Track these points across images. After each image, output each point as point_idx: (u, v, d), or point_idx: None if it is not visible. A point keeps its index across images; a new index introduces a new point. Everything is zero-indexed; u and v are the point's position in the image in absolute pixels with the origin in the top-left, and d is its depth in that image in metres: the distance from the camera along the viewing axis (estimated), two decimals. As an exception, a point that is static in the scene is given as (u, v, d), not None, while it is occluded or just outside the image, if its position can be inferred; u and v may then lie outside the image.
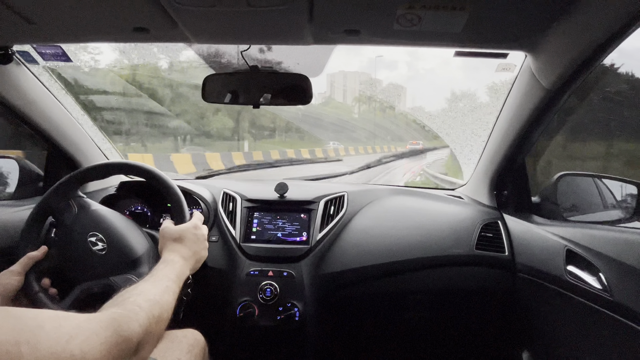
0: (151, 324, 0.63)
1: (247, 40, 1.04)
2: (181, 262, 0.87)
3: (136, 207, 1.44)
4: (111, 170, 1.15)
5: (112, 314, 0.58)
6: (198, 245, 0.95)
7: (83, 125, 1.49)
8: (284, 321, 1.21)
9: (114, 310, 0.60)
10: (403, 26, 0.88)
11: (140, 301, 0.65)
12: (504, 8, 0.82)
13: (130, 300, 0.64)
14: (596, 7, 0.78)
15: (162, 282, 0.75)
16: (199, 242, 0.95)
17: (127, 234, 1.05)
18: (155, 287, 0.72)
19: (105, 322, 0.55)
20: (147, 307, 0.65)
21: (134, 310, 0.62)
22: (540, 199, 1.37)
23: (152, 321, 0.64)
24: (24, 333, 0.44)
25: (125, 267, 0.99)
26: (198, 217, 1.02)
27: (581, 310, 0.96)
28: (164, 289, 0.74)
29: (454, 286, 1.30)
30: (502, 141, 1.30)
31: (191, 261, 0.90)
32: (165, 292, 0.73)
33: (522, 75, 1.12)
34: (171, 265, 0.83)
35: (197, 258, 0.93)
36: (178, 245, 0.90)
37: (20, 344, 0.42)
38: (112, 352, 0.53)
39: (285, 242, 1.34)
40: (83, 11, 0.89)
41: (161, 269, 0.81)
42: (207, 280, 1.26)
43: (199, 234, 0.97)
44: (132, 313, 0.61)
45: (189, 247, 0.92)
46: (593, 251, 0.94)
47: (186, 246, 0.91)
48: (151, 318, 0.63)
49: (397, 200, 1.52)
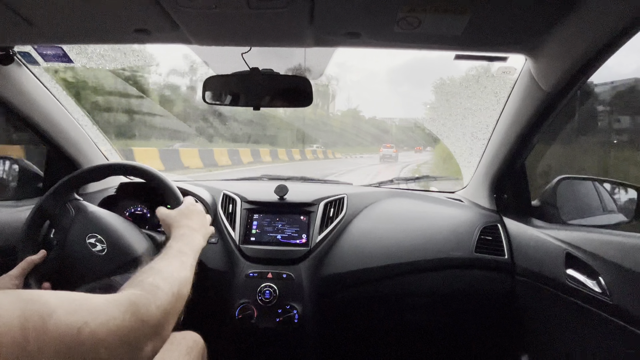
0: (170, 303, 0.61)
1: (247, 42, 1.05)
2: (192, 234, 0.85)
3: (136, 208, 1.44)
4: (106, 172, 1.14)
5: (130, 296, 0.56)
6: (201, 219, 0.94)
7: (83, 126, 1.49)
8: (283, 323, 1.21)
9: (132, 292, 0.58)
10: (403, 29, 0.88)
11: (158, 280, 0.63)
12: (504, 11, 0.82)
13: (148, 281, 0.62)
14: (596, 11, 0.78)
15: (177, 258, 0.74)
16: (201, 215, 0.95)
17: (126, 234, 1.05)
18: (171, 264, 0.71)
19: (124, 305, 0.53)
20: (166, 285, 0.63)
21: (152, 290, 0.60)
22: (540, 202, 1.37)
23: (172, 299, 0.62)
24: (32, 318, 0.42)
25: (127, 266, 0.99)
26: (190, 199, 1.01)
27: (581, 313, 0.96)
28: (180, 265, 0.72)
29: (454, 289, 1.30)
30: (502, 144, 1.30)
31: (202, 231, 0.89)
32: (181, 267, 0.72)
33: (522, 79, 1.13)
34: (183, 239, 0.81)
35: (205, 231, 0.92)
36: (184, 219, 0.89)
37: (27, 329, 0.41)
38: (130, 337, 0.51)
39: (285, 244, 1.34)
40: (84, 12, 0.89)
41: (173, 245, 0.78)
42: (206, 281, 1.26)
43: (199, 208, 0.97)
44: (150, 294, 0.59)
45: (195, 219, 0.91)
46: (593, 255, 0.94)
47: (192, 219, 0.90)
48: (170, 297, 0.62)
49: (397, 202, 1.52)
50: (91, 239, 1.00)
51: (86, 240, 1.00)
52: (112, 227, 1.04)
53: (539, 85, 1.05)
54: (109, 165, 1.16)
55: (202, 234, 0.89)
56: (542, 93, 1.05)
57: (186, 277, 0.71)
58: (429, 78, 22.68)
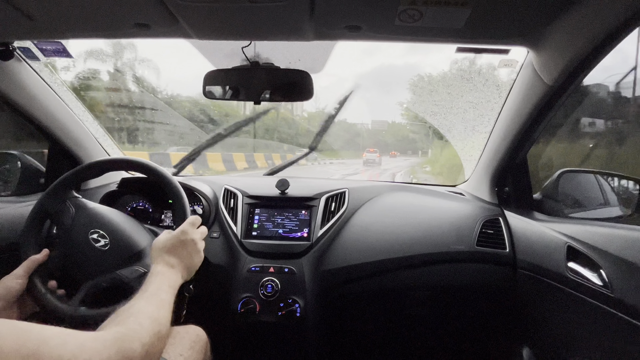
0: (152, 342, 0.63)
1: (248, 36, 1.04)
2: (169, 271, 0.83)
3: (137, 203, 1.45)
4: (104, 168, 1.14)
5: (116, 334, 0.58)
6: (187, 252, 0.90)
7: (84, 122, 1.49)
8: (285, 317, 1.22)
9: (117, 330, 0.60)
10: (404, 22, 0.88)
11: (140, 319, 0.65)
12: (506, 4, 0.82)
13: (130, 320, 0.64)
14: (598, 3, 0.78)
15: (156, 297, 0.74)
16: (187, 248, 0.91)
17: (128, 228, 1.06)
18: (151, 304, 0.71)
19: (110, 341, 0.55)
20: (148, 324, 0.64)
21: (135, 329, 0.62)
22: (542, 195, 1.37)
23: (154, 339, 0.64)
24: (28, 346, 0.45)
25: (131, 259, 1.00)
26: (190, 222, 0.96)
27: (582, 306, 0.96)
28: (159, 304, 0.72)
29: (455, 282, 1.31)
30: (503, 138, 1.30)
31: (179, 268, 0.86)
32: (161, 307, 0.72)
33: (524, 72, 1.12)
34: (160, 276, 0.80)
35: (186, 265, 0.89)
36: (165, 254, 0.87)
37: (23, 356, 0.43)
38: None
39: (287, 238, 1.34)
40: (83, 7, 0.89)
41: (152, 282, 0.78)
42: (209, 276, 1.27)
43: (188, 239, 0.92)
44: (133, 332, 0.61)
45: (177, 255, 0.88)
46: (594, 248, 0.94)
47: (173, 254, 0.88)
48: (152, 335, 0.63)
49: (398, 196, 1.52)
50: (93, 235, 1.00)
51: (89, 236, 1.00)
52: (114, 222, 1.05)
53: (541, 78, 1.04)
54: (106, 161, 1.16)
55: (179, 272, 0.86)
56: (544, 86, 1.05)
57: (165, 317, 0.71)
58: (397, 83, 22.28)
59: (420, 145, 19.11)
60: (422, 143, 18.54)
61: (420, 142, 19.06)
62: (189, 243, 0.91)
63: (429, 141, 14.70)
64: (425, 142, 17.36)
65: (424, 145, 18.29)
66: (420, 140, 19.12)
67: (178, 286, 0.83)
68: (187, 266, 0.89)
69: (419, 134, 17.46)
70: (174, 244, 0.89)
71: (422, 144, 18.72)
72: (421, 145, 18.96)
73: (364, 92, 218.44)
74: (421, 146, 18.87)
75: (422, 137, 18.03)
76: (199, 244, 0.94)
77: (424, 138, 17.18)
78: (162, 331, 0.68)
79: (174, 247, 0.89)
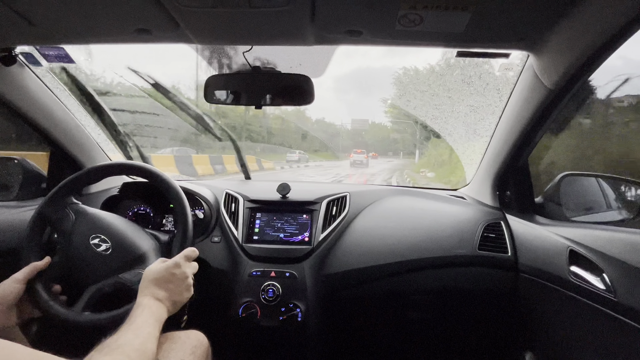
0: None
1: (249, 41, 1.04)
2: (156, 304, 0.82)
3: (139, 208, 1.45)
4: (103, 174, 1.15)
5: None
6: (176, 287, 0.88)
7: (86, 127, 1.50)
8: (287, 322, 1.21)
9: (105, 359, 0.60)
10: (405, 26, 0.88)
11: (128, 351, 0.65)
12: (506, 8, 0.82)
13: (118, 351, 0.64)
14: (599, 7, 0.78)
15: (143, 330, 0.73)
16: (177, 283, 0.89)
17: (129, 232, 1.06)
18: (138, 337, 0.70)
19: None
20: (136, 357, 0.64)
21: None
22: (543, 199, 1.36)
23: None
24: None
25: (133, 263, 1.00)
26: (185, 254, 0.95)
27: (584, 311, 0.95)
28: (146, 337, 0.72)
29: (457, 286, 1.30)
30: (504, 141, 1.30)
31: (167, 303, 0.85)
32: (148, 340, 0.72)
33: (524, 75, 1.12)
34: (147, 310, 0.79)
35: (173, 299, 0.87)
36: (154, 287, 0.86)
37: None
38: None
39: (288, 242, 1.34)
40: (85, 13, 0.90)
41: (138, 315, 0.77)
42: (210, 281, 1.26)
43: (179, 273, 0.90)
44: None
45: (166, 288, 0.87)
46: (596, 251, 0.93)
47: (163, 288, 0.86)
48: None
49: (400, 200, 1.51)
50: (95, 240, 1.01)
51: (90, 241, 1.00)
52: (115, 227, 1.05)
53: (542, 82, 1.04)
54: (106, 166, 1.16)
55: (168, 305, 0.85)
56: (544, 90, 1.05)
57: (152, 350, 0.71)
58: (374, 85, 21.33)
59: (402, 147, 18.29)
60: (404, 144, 17.75)
61: (403, 142, 18.25)
62: (180, 277, 0.90)
63: (415, 141, 13.85)
64: (410, 143, 16.48)
65: (406, 147, 17.41)
66: (402, 141, 18.27)
67: (163, 320, 0.81)
68: (175, 301, 0.87)
69: (404, 133, 16.47)
70: (164, 277, 0.88)
71: (405, 145, 17.88)
72: (403, 146, 18.11)
73: (343, 94, 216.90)
74: (403, 147, 18.03)
75: (406, 137, 17.10)
76: (189, 279, 0.92)
77: (409, 138, 16.27)
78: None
79: (164, 280, 0.87)
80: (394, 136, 19.05)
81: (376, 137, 22.52)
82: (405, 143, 17.18)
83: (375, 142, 22.05)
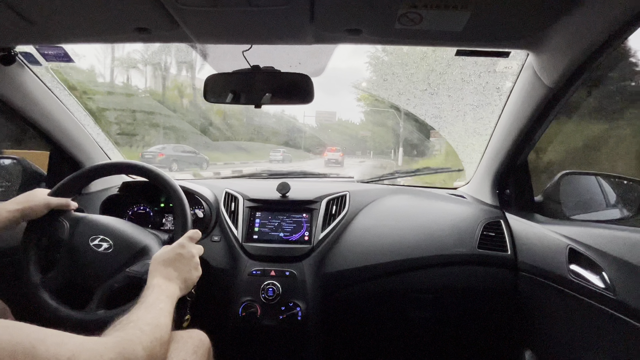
0: (155, 347, 0.62)
1: (248, 40, 1.04)
2: (166, 283, 0.83)
3: (139, 207, 1.45)
4: (93, 175, 1.15)
5: (116, 337, 0.58)
6: (184, 265, 0.90)
7: (85, 126, 1.49)
8: (287, 321, 1.21)
9: (118, 334, 0.59)
10: (405, 25, 0.88)
11: (141, 325, 0.64)
12: (505, 7, 0.82)
13: (130, 325, 0.64)
14: (598, 5, 0.78)
15: (154, 306, 0.73)
16: (184, 262, 0.90)
17: (128, 229, 1.07)
18: (150, 312, 0.71)
19: (111, 344, 0.55)
20: (149, 330, 0.64)
21: (137, 334, 0.61)
22: (543, 197, 1.36)
23: (156, 344, 0.63)
24: (23, 344, 0.44)
25: (138, 255, 1.01)
26: (189, 235, 0.96)
27: (584, 309, 0.95)
28: (158, 312, 0.72)
29: (457, 285, 1.30)
30: (504, 140, 1.30)
31: (177, 282, 0.86)
32: (160, 314, 0.72)
33: (524, 74, 1.12)
34: (157, 288, 0.80)
35: (184, 278, 0.88)
36: (163, 267, 0.87)
37: (17, 353, 0.42)
38: None
39: (287, 241, 1.34)
40: (84, 12, 0.90)
41: (149, 295, 0.77)
42: (210, 280, 1.27)
43: (185, 252, 0.91)
44: (135, 337, 0.60)
45: (175, 267, 0.88)
46: (596, 250, 0.93)
47: (172, 267, 0.87)
48: (154, 341, 0.63)
49: (399, 199, 1.51)
50: (95, 241, 1.01)
51: (90, 243, 1.01)
52: (112, 226, 1.06)
53: (542, 81, 1.04)
54: (95, 168, 1.16)
55: (179, 283, 0.86)
56: (544, 88, 1.05)
57: (166, 324, 0.71)
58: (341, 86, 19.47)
59: (372, 145, 16.26)
60: (374, 142, 15.87)
61: (373, 140, 16.25)
62: (187, 257, 0.91)
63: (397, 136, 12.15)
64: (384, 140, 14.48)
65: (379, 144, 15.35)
66: (373, 139, 16.29)
67: (176, 298, 0.82)
68: (185, 279, 0.88)
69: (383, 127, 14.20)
70: (171, 257, 0.89)
71: (377, 142, 15.77)
72: (374, 144, 16.07)
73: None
74: (373, 146, 16.03)
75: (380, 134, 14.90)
76: (196, 259, 0.93)
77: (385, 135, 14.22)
78: (164, 337, 0.67)
79: (171, 260, 0.88)
80: (364, 133, 17.14)
81: (343, 135, 20.67)
82: (378, 141, 15.18)
83: (342, 140, 20.27)
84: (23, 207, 1.00)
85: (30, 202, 1.01)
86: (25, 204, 1.01)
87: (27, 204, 1.01)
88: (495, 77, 1.43)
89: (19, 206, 1.00)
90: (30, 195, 1.04)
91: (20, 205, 1.00)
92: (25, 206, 1.00)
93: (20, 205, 1.00)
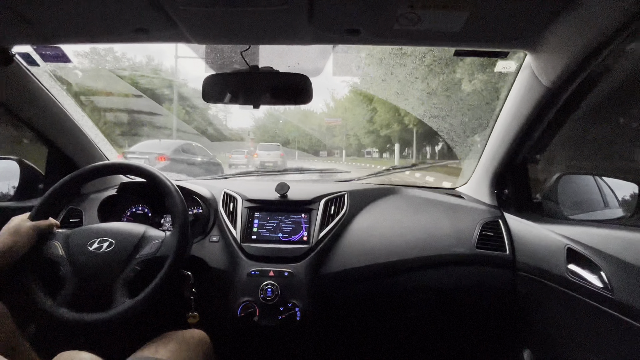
0: None
1: (246, 40, 1.04)
2: None
3: (137, 207, 1.44)
4: (83, 179, 1.15)
5: None
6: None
7: (83, 127, 1.49)
8: (285, 321, 1.21)
9: None
10: (403, 26, 0.88)
11: None
12: (503, 7, 0.82)
13: None
14: (596, 5, 0.78)
15: None
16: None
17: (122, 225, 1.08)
18: None
19: None
20: None
21: None
22: (541, 197, 1.37)
23: None
24: None
25: (142, 241, 1.02)
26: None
27: (582, 308, 0.96)
28: None
29: (455, 285, 1.30)
30: (502, 140, 1.30)
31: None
32: None
33: (522, 74, 1.12)
34: None
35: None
36: None
37: None
38: None
39: (286, 242, 1.34)
40: (82, 12, 0.89)
41: None
42: (208, 280, 1.26)
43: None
44: None
45: None
46: (594, 249, 0.94)
47: None
48: None
49: (398, 199, 1.52)
50: (93, 245, 1.01)
51: (89, 248, 1.00)
52: (106, 226, 1.07)
53: (540, 81, 1.04)
54: (100, 167, 1.16)
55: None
56: (542, 88, 1.05)
57: None
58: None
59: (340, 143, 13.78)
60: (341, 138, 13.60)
61: (341, 136, 14.07)
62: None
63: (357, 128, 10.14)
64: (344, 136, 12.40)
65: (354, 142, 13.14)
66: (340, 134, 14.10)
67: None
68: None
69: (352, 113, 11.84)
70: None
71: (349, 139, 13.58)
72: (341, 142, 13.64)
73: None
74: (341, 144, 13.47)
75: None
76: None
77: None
78: None
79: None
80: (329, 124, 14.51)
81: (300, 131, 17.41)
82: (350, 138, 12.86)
83: (300, 137, 17.07)
84: (10, 247, 0.95)
85: (16, 239, 0.97)
86: (11, 244, 0.95)
87: (14, 245, 0.96)
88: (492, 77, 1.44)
89: (4, 248, 0.94)
90: (12, 231, 0.98)
91: (7, 247, 0.95)
92: (13, 247, 0.95)
93: (6, 247, 0.94)
